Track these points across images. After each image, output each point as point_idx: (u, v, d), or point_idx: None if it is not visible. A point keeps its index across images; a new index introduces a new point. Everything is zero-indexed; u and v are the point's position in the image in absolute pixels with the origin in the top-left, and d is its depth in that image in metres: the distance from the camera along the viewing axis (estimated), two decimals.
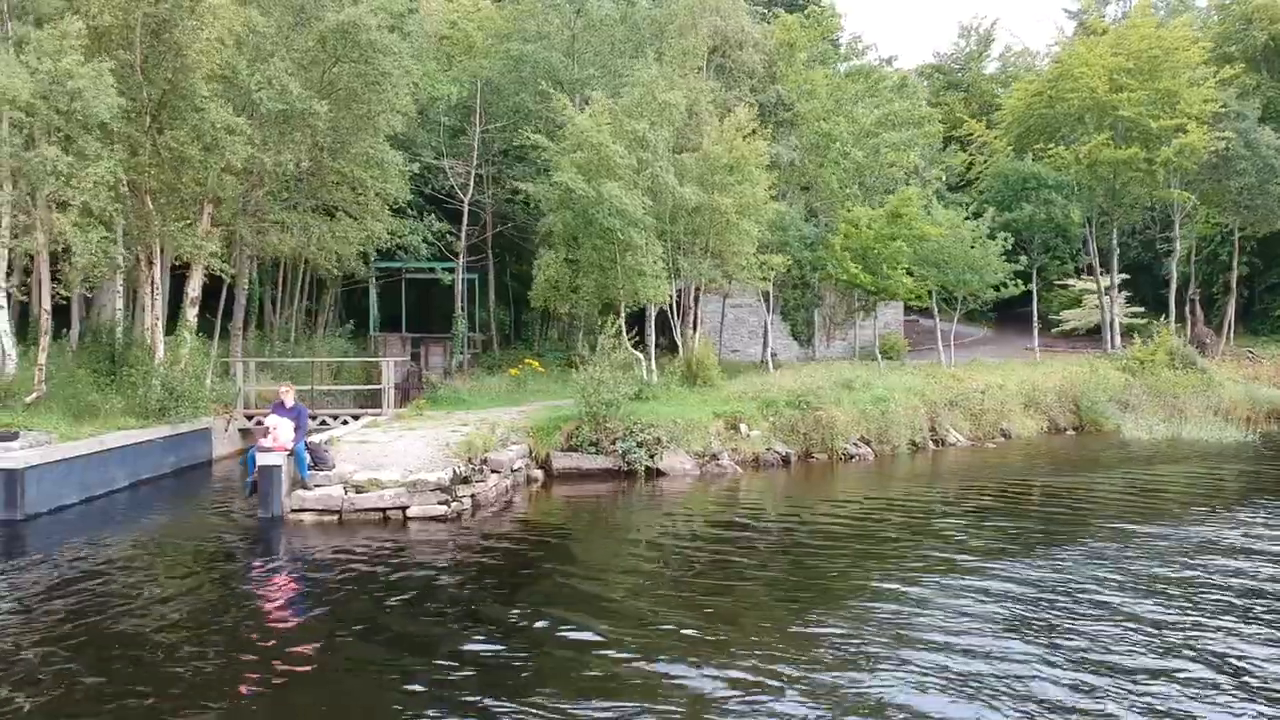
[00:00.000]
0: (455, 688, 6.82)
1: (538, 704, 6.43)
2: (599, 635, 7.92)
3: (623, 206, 18.60)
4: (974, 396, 22.87)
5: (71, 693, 6.69)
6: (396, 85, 17.47)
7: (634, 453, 16.44)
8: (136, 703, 6.55)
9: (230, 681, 6.94)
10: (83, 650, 7.51)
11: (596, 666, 7.21)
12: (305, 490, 12.52)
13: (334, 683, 7.04)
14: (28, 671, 7.06)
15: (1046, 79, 32.98)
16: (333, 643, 7.89)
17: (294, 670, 7.25)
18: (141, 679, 6.94)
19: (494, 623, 8.39)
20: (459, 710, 6.40)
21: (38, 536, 11.82)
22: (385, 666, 7.27)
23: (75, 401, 15.70)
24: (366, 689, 6.87)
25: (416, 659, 7.45)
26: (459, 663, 7.34)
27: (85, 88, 13.10)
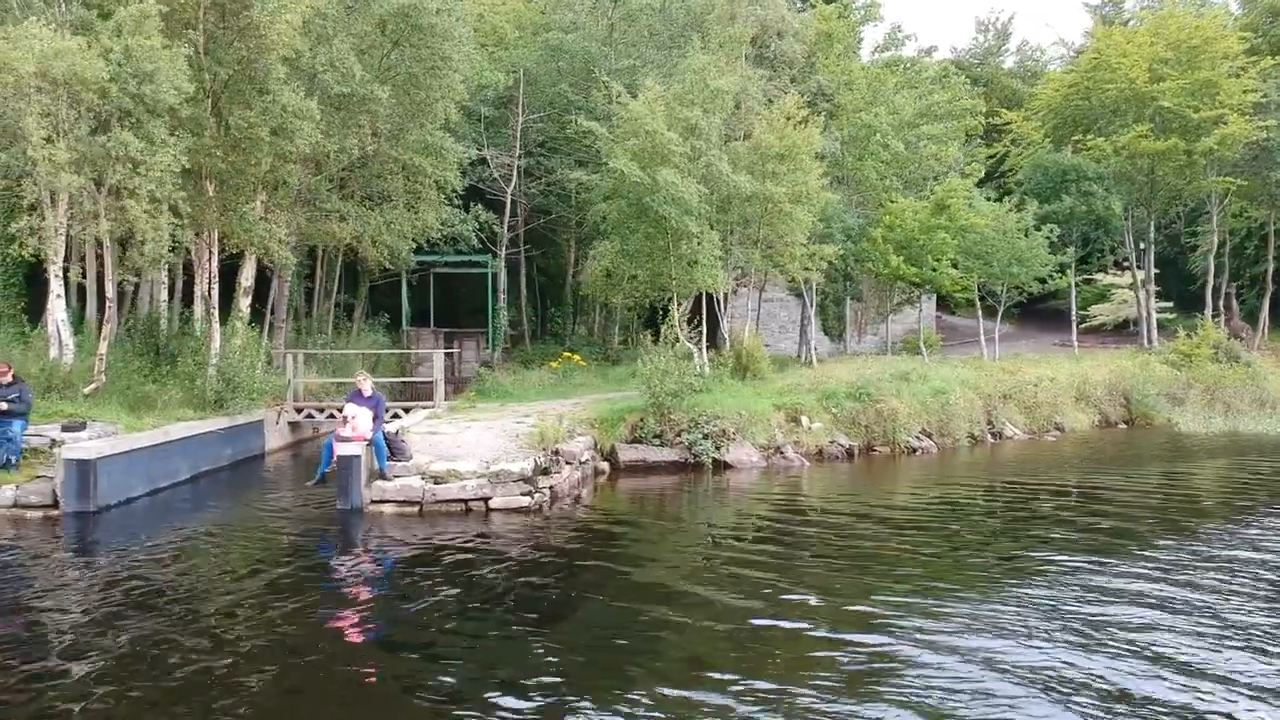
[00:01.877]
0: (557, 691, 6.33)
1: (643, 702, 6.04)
2: (715, 634, 7.54)
3: (679, 194, 18.22)
4: (1027, 389, 22.52)
5: (168, 683, 6.37)
6: (458, 70, 17.08)
7: (700, 445, 16.08)
8: (223, 690, 6.27)
9: (328, 677, 6.62)
10: (175, 643, 7.18)
11: (711, 666, 6.78)
12: (385, 481, 12.15)
13: (436, 680, 6.68)
14: (124, 665, 6.72)
15: (1083, 69, 32.55)
16: (438, 635, 7.52)
17: (396, 667, 6.87)
18: (232, 671, 6.63)
19: (602, 621, 8.01)
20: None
21: (113, 528, 11.46)
22: (488, 660, 6.87)
23: (131, 392, 15.35)
24: (470, 685, 6.47)
25: (516, 654, 7.03)
26: (569, 660, 6.94)
27: (160, 69, 12.72)
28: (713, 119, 19.69)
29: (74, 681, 6.40)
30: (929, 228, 25.31)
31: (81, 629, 7.54)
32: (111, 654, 6.93)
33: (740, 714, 5.87)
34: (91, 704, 6.04)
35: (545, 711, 5.95)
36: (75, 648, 7.08)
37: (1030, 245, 26.03)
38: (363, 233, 17.75)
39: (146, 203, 12.76)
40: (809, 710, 5.92)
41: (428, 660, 6.94)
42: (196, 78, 14.34)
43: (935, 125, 28.72)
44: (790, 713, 5.89)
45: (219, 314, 17.78)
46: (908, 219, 25.47)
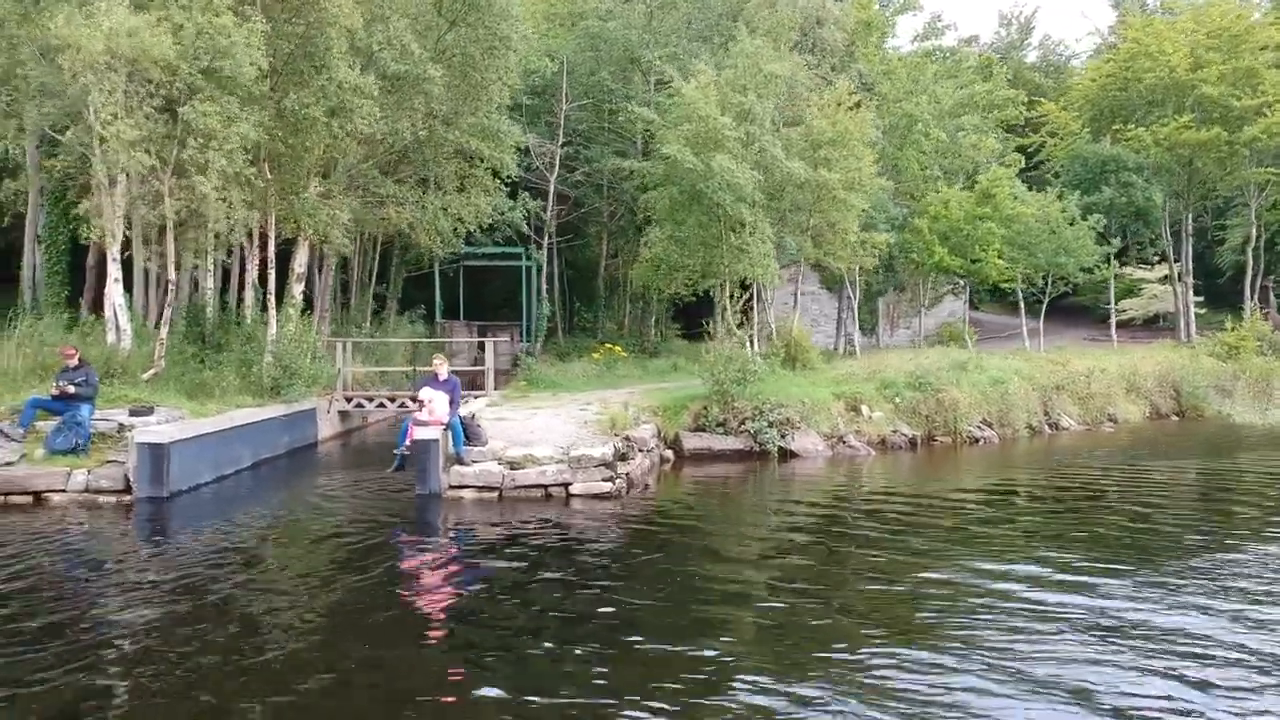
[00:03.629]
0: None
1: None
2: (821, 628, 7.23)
3: (734, 180, 17.88)
4: (1080, 380, 22.16)
5: (262, 666, 6.11)
6: (515, 50, 16.75)
7: (766, 433, 15.77)
8: (308, 675, 6.01)
9: (419, 663, 6.35)
10: (270, 627, 6.94)
11: (815, 667, 6.43)
12: (463, 466, 11.84)
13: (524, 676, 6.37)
14: (216, 647, 6.45)
15: (1122, 58, 32.15)
16: (531, 630, 7.20)
17: (487, 657, 6.55)
18: (318, 652, 6.43)
19: (718, 619, 7.72)
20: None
21: (186, 514, 11.19)
22: (589, 657, 6.52)
23: (187, 379, 15.07)
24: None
25: (616, 651, 6.67)
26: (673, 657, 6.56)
27: (235, 45, 12.43)
28: (766, 104, 19.35)
29: (170, 664, 6.13)
30: (974, 217, 24.95)
31: (173, 613, 7.26)
32: (212, 635, 6.67)
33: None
34: (185, 688, 5.77)
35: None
36: (173, 631, 6.80)
37: (1076, 235, 25.66)
38: (418, 219, 17.41)
39: (216, 179, 12.45)
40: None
41: (526, 644, 6.63)
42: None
43: (975, 116, 28.32)
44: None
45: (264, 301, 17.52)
46: (953, 209, 25.12)
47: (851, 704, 5.50)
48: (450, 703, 5.65)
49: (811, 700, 5.56)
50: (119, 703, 5.56)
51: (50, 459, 11.73)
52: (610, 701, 5.56)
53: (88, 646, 6.42)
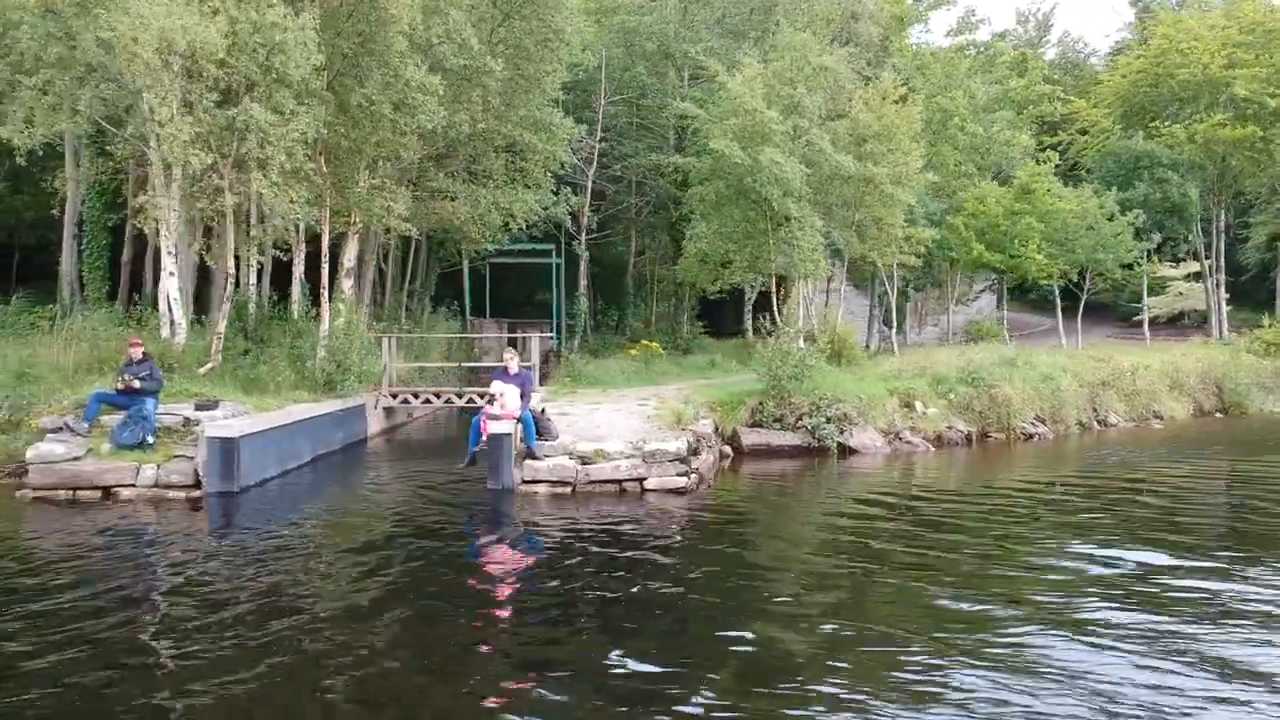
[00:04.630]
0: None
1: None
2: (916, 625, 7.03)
3: (782, 174, 17.69)
4: (1125, 377, 21.93)
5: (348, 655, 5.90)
6: (569, 42, 16.56)
7: (824, 429, 15.56)
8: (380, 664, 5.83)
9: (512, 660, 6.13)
10: (355, 622, 6.77)
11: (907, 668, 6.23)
12: (535, 460, 11.65)
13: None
14: (294, 642, 6.27)
15: (1153, 55, 31.93)
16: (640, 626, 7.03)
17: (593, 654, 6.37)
18: (401, 644, 6.27)
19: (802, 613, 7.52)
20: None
21: (257, 508, 11.00)
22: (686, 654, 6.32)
23: (241, 373, 14.91)
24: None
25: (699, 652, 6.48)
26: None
27: (288, 41, 12.26)
28: (815, 96, 19.16)
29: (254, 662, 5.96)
30: (1012, 213, 24.74)
31: (255, 609, 7.08)
32: (307, 632, 6.50)
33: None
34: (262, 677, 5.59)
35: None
36: (254, 625, 6.63)
37: (1115, 231, 25.45)
38: (471, 213, 17.22)
39: (276, 174, 12.27)
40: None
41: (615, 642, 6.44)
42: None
43: (1009, 111, 28.10)
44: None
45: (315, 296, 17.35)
46: (990, 204, 24.90)
47: (1032, 685, 5.31)
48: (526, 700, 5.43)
49: (969, 685, 5.38)
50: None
51: (117, 453, 11.56)
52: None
53: (193, 649, 6.24)
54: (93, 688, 5.46)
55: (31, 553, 8.71)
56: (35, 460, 11.15)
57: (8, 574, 7.92)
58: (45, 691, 5.38)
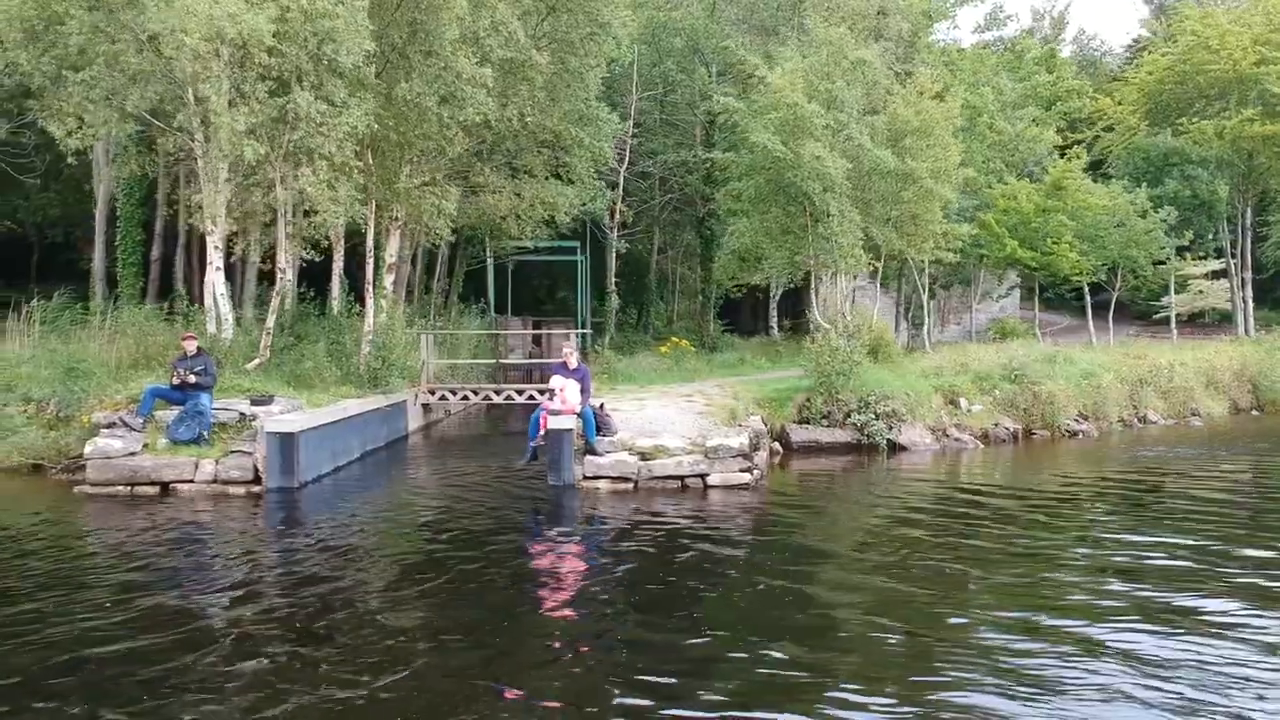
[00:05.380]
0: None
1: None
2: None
3: (824, 169, 17.54)
4: (1163, 374, 21.76)
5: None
6: (615, 35, 16.42)
7: (874, 425, 15.41)
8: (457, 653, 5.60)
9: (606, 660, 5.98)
10: (426, 618, 6.63)
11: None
12: (597, 457, 11.51)
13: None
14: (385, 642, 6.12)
15: (1180, 52, 31.74)
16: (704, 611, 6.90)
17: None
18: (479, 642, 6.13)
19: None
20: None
21: (318, 504, 10.88)
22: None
23: (286, 369, 14.78)
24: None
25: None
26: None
27: (339, 29, 12.12)
28: (855, 91, 19.01)
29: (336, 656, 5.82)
30: (1044, 210, 24.59)
31: (340, 604, 6.95)
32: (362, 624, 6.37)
33: None
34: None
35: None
36: (334, 622, 6.50)
37: (1147, 228, 25.29)
38: (515, 208, 17.06)
39: (325, 170, 12.13)
40: None
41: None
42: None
43: (1036, 109, 27.93)
44: None
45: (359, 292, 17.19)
46: (1022, 201, 24.74)
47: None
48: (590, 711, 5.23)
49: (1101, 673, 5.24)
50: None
51: (173, 449, 11.44)
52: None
53: (298, 652, 6.12)
54: (184, 687, 5.33)
55: (104, 550, 8.59)
56: (93, 456, 11.04)
57: (97, 569, 7.80)
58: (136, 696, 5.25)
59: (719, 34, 25.36)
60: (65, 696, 5.10)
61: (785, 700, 5.16)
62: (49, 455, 12.51)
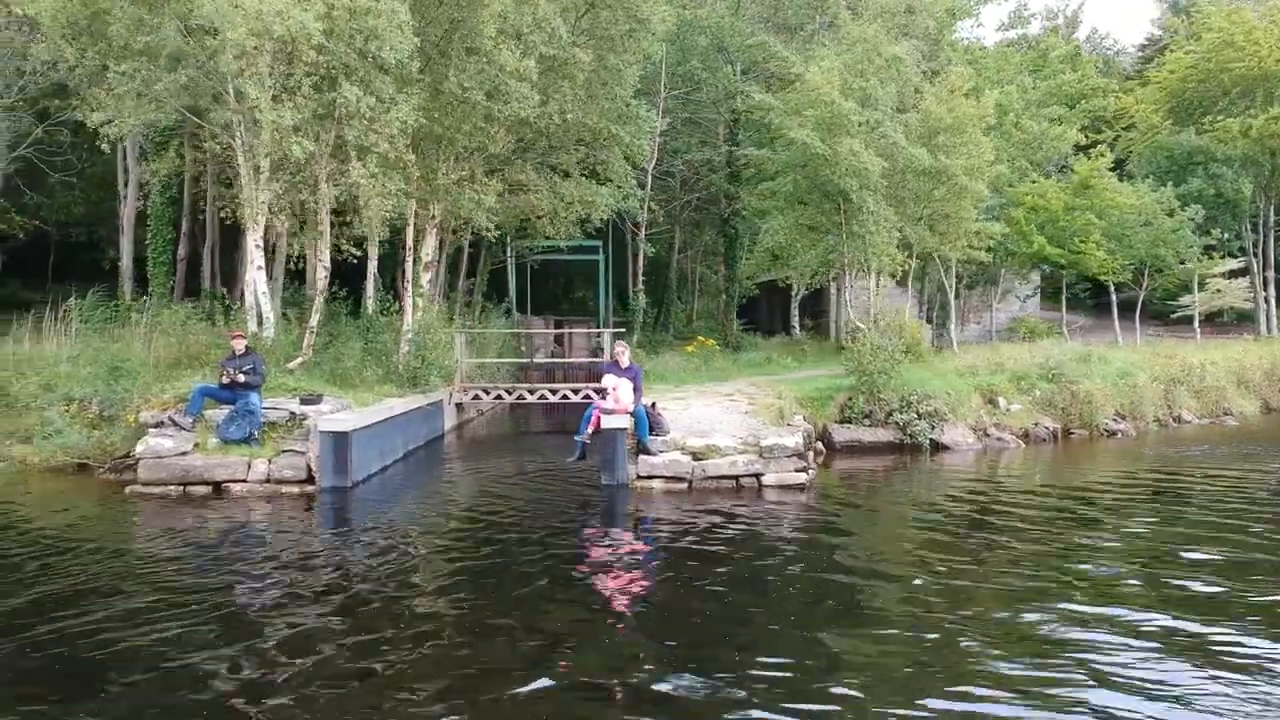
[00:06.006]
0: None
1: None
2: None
3: (861, 165, 17.43)
4: (1194, 374, 21.64)
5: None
6: (655, 31, 16.31)
7: (916, 425, 15.31)
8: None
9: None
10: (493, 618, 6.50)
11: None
12: (650, 456, 11.41)
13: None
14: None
15: (1205, 49, 31.56)
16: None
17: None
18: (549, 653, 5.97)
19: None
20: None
21: (373, 504, 10.78)
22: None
23: (326, 367, 14.70)
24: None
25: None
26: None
27: (382, 26, 12.03)
28: (889, 88, 18.90)
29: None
30: (1072, 208, 24.46)
31: (416, 604, 6.86)
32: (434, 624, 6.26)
33: None
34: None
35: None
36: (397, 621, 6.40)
37: (1174, 227, 25.15)
38: (553, 206, 16.96)
39: (375, 165, 12.04)
40: None
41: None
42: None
43: (1062, 107, 27.78)
44: None
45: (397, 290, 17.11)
46: (1051, 199, 24.62)
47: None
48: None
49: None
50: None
51: (224, 448, 11.36)
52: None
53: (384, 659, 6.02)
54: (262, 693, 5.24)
55: (173, 550, 8.51)
56: (145, 455, 10.96)
57: (173, 570, 7.72)
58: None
59: (744, 32, 25.24)
60: (151, 700, 5.04)
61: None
62: (94, 455, 12.45)
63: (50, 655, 5.66)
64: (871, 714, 4.97)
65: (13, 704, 4.99)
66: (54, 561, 7.82)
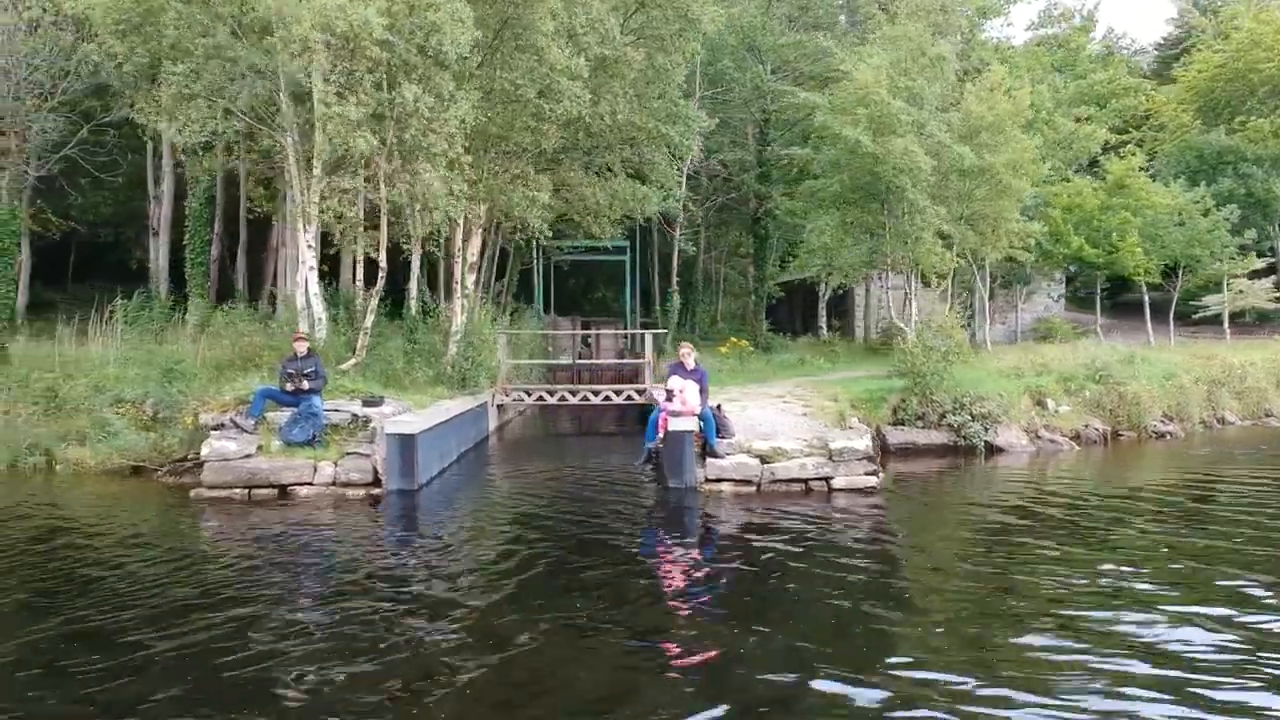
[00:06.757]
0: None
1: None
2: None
3: (913, 163, 17.30)
4: (1235, 375, 21.46)
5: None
6: (706, 30, 16.19)
7: (971, 427, 15.16)
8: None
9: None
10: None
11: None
12: (718, 458, 11.28)
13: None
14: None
15: (1234, 49, 31.43)
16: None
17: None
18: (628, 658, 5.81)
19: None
20: None
21: (441, 507, 10.68)
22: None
23: (376, 368, 14.58)
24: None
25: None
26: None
27: (442, 22, 11.92)
28: (934, 87, 18.77)
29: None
30: (1107, 207, 24.31)
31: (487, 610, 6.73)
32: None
33: None
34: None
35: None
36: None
37: (1209, 227, 25.00)
38: (604, 205, 16.83)
39: (442, 163, 11.92)
40: None
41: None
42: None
43: (1092, 107, 27.65)
44: None
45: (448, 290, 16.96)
46: (1086, 198, 24.47)
47: None
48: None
49: None
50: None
51: (287, 451, 11.25)
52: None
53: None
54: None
55: (264, 556, 8.38)
56: (210, 458, 10.84)
57: (274, 577, 7.60)
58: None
59: (775, 30, 25.13)
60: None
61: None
62: (150, 457, 12.35)
63: (218, 664, 5.53)
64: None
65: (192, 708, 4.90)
66: (164, 569, 7.65)
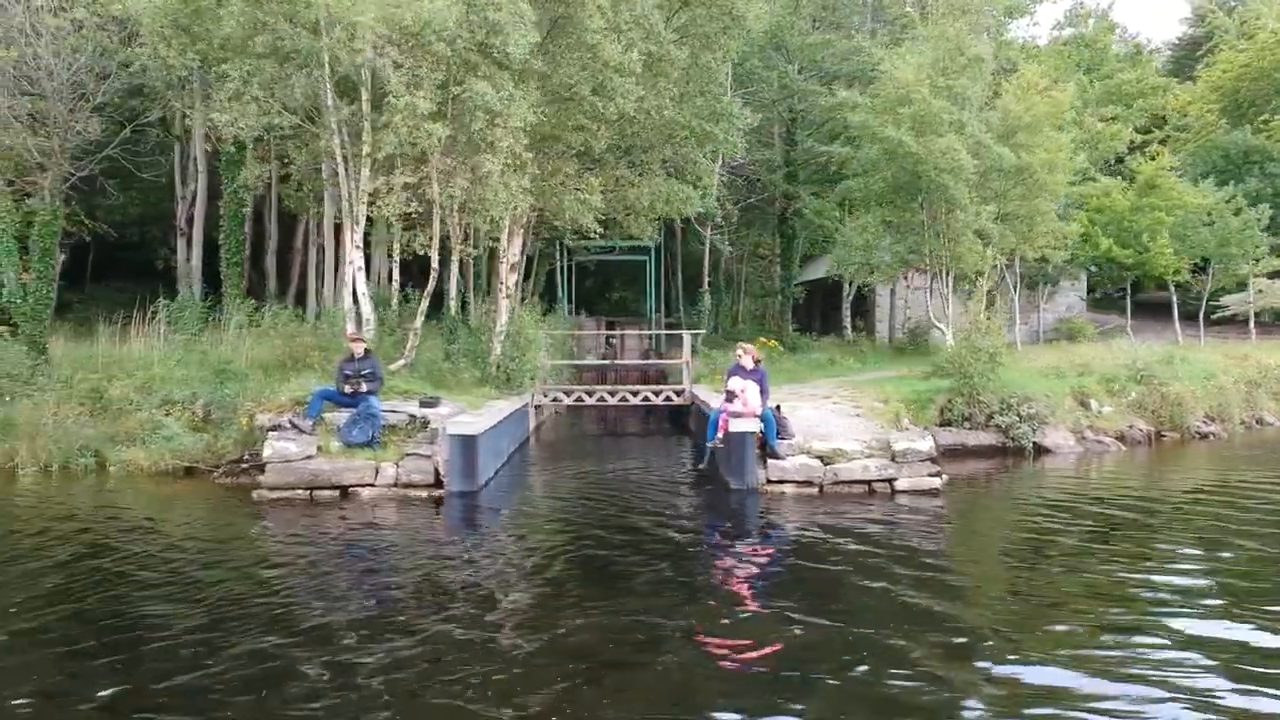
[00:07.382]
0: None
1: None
2: None
3: (957, 162, 17.22)
4: (1272, 375, 21.36)
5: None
6: (750, 28, 16.11)
7: (1019, 428, 15.07)
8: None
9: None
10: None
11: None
12: (779, 460, 11.21)
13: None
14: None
15: (1258, 49, 31.33)
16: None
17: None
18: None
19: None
20: None
21: (503, 508, 10.58)
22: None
23: (420, 369, 14.54)
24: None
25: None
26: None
27: (505, 21, 11.86)
28: (975, 87, 18.69)
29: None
30: (1137, 208, 24.21)
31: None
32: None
33: None
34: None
35: None
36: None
37: (1242, 226, 24.89)
38: (650, 203, 16.77)
39: (505, 158, 11.87)
40: None
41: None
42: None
43: (1119, 106, 27.55)
44: None
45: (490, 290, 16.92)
46: (1116, 199, 24.37)
47: None
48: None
49: None
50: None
51: (346, 452, 11.20)
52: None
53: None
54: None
55: (351, 560, 8.32)
56: (272, 459, 10.79)
57: (373, 583, 7.53)
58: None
59: (803, 30, 25.05)
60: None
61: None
62: (203, 458, 12.30)
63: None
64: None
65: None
66: (251, 575, 7.56)
